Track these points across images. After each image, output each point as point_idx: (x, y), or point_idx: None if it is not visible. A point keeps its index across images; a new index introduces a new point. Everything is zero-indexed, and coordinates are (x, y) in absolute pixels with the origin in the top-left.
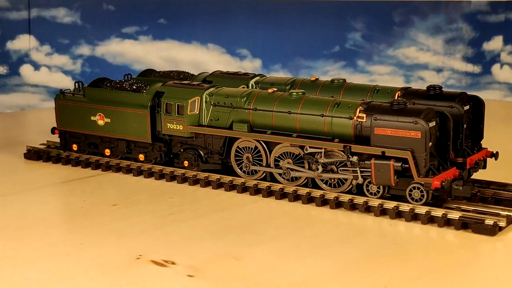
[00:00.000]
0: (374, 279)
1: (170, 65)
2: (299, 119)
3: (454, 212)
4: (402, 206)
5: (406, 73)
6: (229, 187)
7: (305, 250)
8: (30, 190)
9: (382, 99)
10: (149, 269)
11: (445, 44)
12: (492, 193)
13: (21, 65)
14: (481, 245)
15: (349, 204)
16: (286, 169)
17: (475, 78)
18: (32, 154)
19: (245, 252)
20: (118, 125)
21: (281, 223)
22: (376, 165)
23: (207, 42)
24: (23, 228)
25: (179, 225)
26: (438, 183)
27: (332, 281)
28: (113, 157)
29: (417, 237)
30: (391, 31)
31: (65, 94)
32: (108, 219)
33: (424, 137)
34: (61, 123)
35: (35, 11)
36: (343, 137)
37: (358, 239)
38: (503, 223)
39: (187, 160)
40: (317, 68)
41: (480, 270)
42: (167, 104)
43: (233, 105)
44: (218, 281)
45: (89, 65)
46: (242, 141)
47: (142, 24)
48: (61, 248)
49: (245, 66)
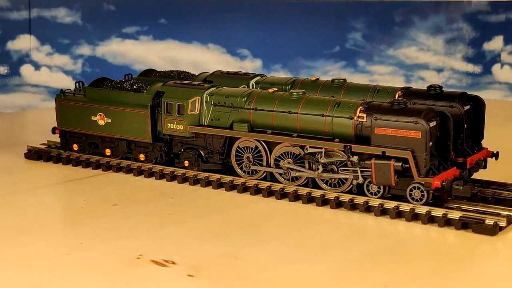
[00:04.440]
0: (374, 279)
1: (171, 65)
2: (300, 119)
3: (455, 212)
4: (403, 206)
5: (406, 73)
6: (230, 187)
7: (305, 249)
8: (30, 190)
9: (383, 99)
10: (149, 269)
11: (446, 44)
12: (492, 193)
13: (22, 65)
14: (481, 245)
15: (350, 204)
16: (287, 169)
17: (476, 78)
18: (33, 154)
19: (246, 252)
20: (118, 125)
21: (282, 223)
22: (376, 165)
23: (208, 42)
24: (23, 227)
25: (180, 225)
26: (438, 183)
27: (332, 281)
28: (113, 157)
29: (418, 237)
30: (391, 31)
31: (66, 94)
32: (109, 219)
33: (424, 137)
34: (61, 123)
35: (35, 11)
36: (344, 137)
37: (359, 239)
38: (503, 223)
39: (187, 160)
40: (318, 68)
41: (480, 270)
42: (167, 104)
43: (233, 105)
44: (219, 281)
45: (90, 65)
46: (243, 141)
47: (142, 24)
48: (61, 248)
49: (246, 66)
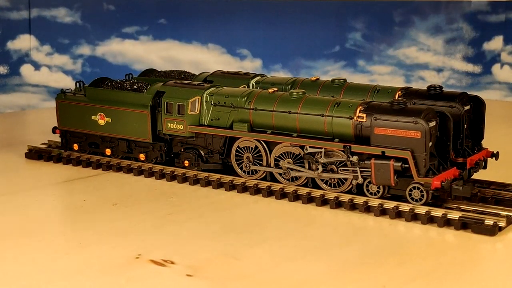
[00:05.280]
0: (372, 279)
1: (170, 65)
2: (299, 119)
3: (454, 212)
4: (402, 206)
5: (406, 73)
6: (230, 187)
7: (305, 249)
8: (30, 190)
9: (383, 99)
10: (148, 269)
11: (446, 44)
12: (492, 193)
13: (22, 65)
14: (480, 245)
15: (349, 204)
16: (286, 169)
17: (476, 78)
18: (33, 154)
19: (245, 251)
20: (118, 124)
21: (281, 223)
22: (376, 165)
23: (207, 42)
24: (23, 227)
25: (179, 224)
26: (438, 183)
27: (331, 280)
28: (114, 157)
29: (417, 237)
30: (391, 31)
31: (66, 93)
32: (108, 218)
33: (424, 137)
34: (62, 123)
35: (35, 11)
36: (343, 137)
37: (358, 239)
38: (502, 223)
39: (187, 160)
40: (318, 68)
41: (480, 270)
42: (167, 104)
43: (233, 104)
44: (217, 280)
45: (90, 65)
46: (243, 140)
47: (142, 24)
48: (60, 247)
49: (245, 66)
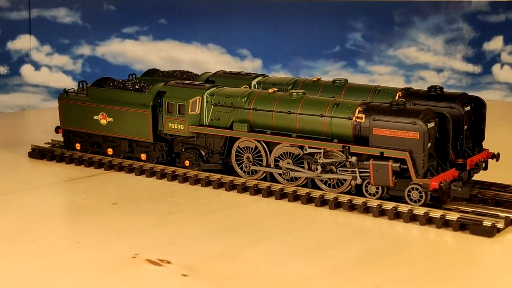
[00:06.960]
0: (368, 279)
1: (171, 65)
2: (299, 119)
3: (453, 213)
4: (401, 207)
5: (406, 73)
6: (230, 187)
7: (302, 249)
8: (32, 189)
9: (383, 99)
10: (144, 268)
11: (446, 44)
12: (492, 194)
13: (22, 65)
14: (479, 247)
15: (348, 204)
16: (286, 169)
17: (476, 78)
18: (36, 153)
19: (242, 251)
20: (120, 124)
21: (281, 223)
22: (374, 166)
23: (208, 42)
24: (22, 226)
25: (178, 224)
26: (436, 184)
27: (327, 281)
28: (115, 156)
29: (415, 238)
30: (391, 31)
31: (69, 93)
32: (108, 218)
33: (422, 137)
34: (64, 122)
35: (35, 11)
36: (342, 138)
37: (357, 239)
38: (501, 225)
39: (188, 160)
40: (318, 68)
41: (478, 272)
42: (168, 104)
43: (233, 105)
44: (212, 280)
45: (90, 65)
46: (243, 141)
47: (142, 24)
48: (58, 246)
49: (246, 66)
